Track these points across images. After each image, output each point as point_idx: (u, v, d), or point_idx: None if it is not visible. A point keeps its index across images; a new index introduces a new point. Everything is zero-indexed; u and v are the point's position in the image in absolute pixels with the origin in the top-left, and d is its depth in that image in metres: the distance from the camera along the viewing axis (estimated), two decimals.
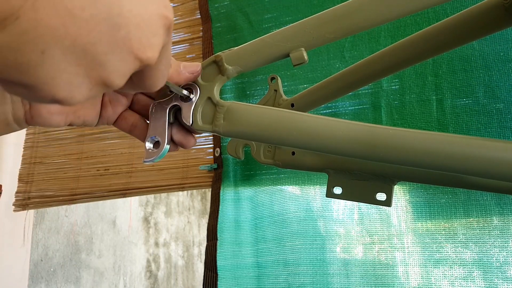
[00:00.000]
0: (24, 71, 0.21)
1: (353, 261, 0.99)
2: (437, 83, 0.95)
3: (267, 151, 0.56)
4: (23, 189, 1.53)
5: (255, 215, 1.11)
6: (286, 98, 0.58)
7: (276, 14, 1.18)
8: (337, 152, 0.36)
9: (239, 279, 1.08)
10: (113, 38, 0.23)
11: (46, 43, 0.21)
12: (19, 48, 0.20)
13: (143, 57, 0.25)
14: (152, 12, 0.25)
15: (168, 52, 0.29)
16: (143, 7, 0.24)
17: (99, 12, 0.22)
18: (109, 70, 0.24)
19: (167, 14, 0.26)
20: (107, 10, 0.22)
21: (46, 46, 0.21)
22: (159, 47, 0.26)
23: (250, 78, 1.17)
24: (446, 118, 0.93)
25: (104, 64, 0.23)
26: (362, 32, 1.04)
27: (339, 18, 0.38)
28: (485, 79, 0.90)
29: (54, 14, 0.20)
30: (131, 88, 0.29)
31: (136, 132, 0.42)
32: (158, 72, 0.29)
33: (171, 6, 0.27)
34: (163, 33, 0.26)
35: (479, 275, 0.86)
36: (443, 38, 0.45)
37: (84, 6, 0.21)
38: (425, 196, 0.95)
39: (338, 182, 0.51)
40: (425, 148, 0.33)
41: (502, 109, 0.88)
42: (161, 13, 0.26)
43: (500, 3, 0.41)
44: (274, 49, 0.40)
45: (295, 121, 0.37)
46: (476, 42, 0.91)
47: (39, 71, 0.21)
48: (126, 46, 0.24)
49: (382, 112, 0.99)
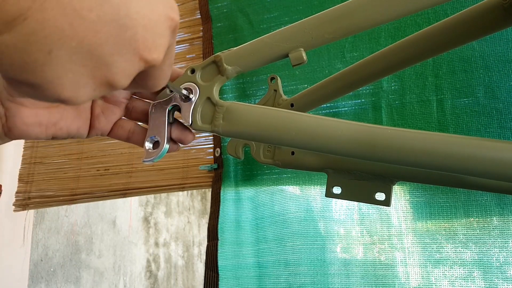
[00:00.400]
0: (31, 70, 0.21)
1: (353, 261, 0.99)
2: (437, 84, 0.95)
3: (267, 151, 0.56)
4: (23, 189, 1.53)
5: (256, 215, 1.11)
6: (285, 98, 0.58)
7: (276, 14, 1.18)
8: (336, 152, 0.36)
9: (240, 279, 1.08)
10: (120, 39, 0.23)
11: (53, 44, 0.21)
12: (26, 48, 0.20)
13: (149, 58, 0.25)
14: (159, 14, 0.25)
15: (172, 53, 0.29)
16: (150, 8, 0.24)
17: (106, 13, 0.22)
18: (114, 71, 0.24)
19: (174, 16, 0.26)
20: (114, 11, 0.22)
21: (53, 46, 0.21)
22: (165, 48, 0.26)
23: (251, 78, 1.17)
24: (446, 119, 0.93)
25: (110, 65, 0.23)
26: (363, 33, 1.04)
27: (338, 18, 0.38)
28: (485, 79, 0.90)
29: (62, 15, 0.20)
30: (133, 87, 0.29)
31: (134, 139, 0.41)
32: (162, 73, 0.29)
33: (177, 7, 0.27)
34: (168, 35, 0.26)
35: (479, 275, 0.86)
36: (443, 38, 0.45)
37: (92, 7, 0.21)
38: (424, 196, 0.95)
39: (337, 182, 0.51)
40: (424, 148, 0.33)
41: (502, 109, 0.88)
42: (167, 15, 0.26)
43: (499, 3, 0.41)
44: (273, 49, 0.40)
45: (294, 121, 0.37)
46: (476, 42, 0.91)
47: (46, 70, 0.21)
48: (133, 47, 0.24)
49: (383, 113, 0.99)
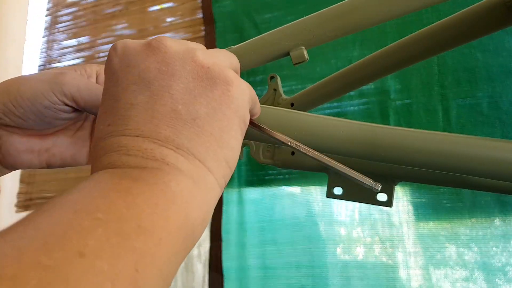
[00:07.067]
0: None
1: (352, 262, 0.99)
2: (443, 94, 0.96)
3: (267, 151, 0.56)
4: (25, 190, 1.53)
5: (261, 217, 1.11)
6: (285, 97, 0.58)
7: (278, 13, 1.18)
8: (337, 152, 0.36)
9: (244, 280, 1.07)
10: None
11: None
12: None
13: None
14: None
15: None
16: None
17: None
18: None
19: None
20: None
21: None
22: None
23: (254, 78, 1.17)
24: (452, 129, 0.95)
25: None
26: (370, 40, 1.04)
27: (340, 16, 0.38)
28: (489, 90, 0.92)
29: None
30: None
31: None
32: None
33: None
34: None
35: (480, 276, 0.86)
36: (445, 37, 0.45)
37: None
38: (426, 197, 0.94)
39: (338, 182, 0.50)
40: (426, 147, 0.33)
41: (505, 120, 0.89)
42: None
43: (502, 1, 0.40)
44: (274, 47, 0.39)
45: (295, 120, 0.36)
46: (479, 53, 0.92)
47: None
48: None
49: (390, 121, 1.00)
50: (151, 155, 0.21)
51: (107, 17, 1.60)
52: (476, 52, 0.92)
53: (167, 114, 0.23)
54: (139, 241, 0.17)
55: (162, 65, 0.24)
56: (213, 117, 0.23)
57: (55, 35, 1.73)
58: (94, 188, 0.19)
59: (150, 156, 0.21)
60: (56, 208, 0.18)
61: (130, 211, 0.18)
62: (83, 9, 1.68)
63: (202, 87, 0.24)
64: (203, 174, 0.22)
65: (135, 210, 0.18)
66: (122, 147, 0.22)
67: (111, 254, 0.16)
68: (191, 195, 0.21)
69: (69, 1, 1.73)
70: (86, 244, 0.16)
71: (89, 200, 0.18)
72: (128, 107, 0.23)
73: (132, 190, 0.19)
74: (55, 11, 1.75)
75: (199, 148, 0.23)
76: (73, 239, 0.16)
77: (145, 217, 0.18)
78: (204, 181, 0.22)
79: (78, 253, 0.15)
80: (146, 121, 0.22)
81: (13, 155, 0.34)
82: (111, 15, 1.59)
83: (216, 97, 0.24)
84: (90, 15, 1.65)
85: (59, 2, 1.75)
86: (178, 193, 0.20)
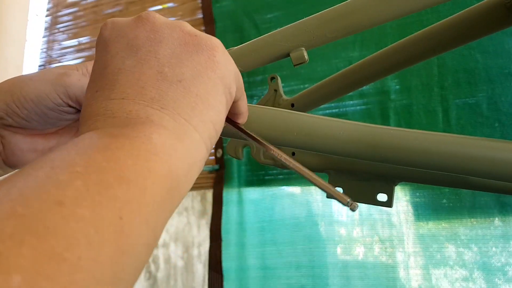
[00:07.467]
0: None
1: (352, 262, 0.99)
2: (443, 95, 0.97)
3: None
4: None
5: (260, 217, 1.11)
6: (286, 98, 0.58)
7: (279, 13, 1.18)
8: (337, 152, 0.36)
9: (244, 280, 1.07)
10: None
11: None
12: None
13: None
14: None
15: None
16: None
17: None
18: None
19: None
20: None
21: None
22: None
23: (254, 78, 1.17)
24: (452, 130, 0.95)
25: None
26: (370, 40, 1.04)
27: (340, 17, 0.38)
28: (488, 92, 0.92)
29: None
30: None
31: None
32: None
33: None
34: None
35: (480, 276, 0.86)
36: (445, 37, 0.45)
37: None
38: (426, 197, 0.94)
39: (338, 182, 0.50)
40: (426, 148, 0.33)
41: (504, 121, 0.90)
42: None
43: (501, 2, 0.40)
44: (274, 48, 0.39)
45: (295, 121, 0.37)
46: (479, 55, 0.93)
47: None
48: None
49: (391, 123, 1.00)
50: (135, 115, 0.21)
51: (107, 17, 1.60)
52: (476, 54, 0.92)
53: (153, 76, 0.23)
54: (121, 189, 0.17)
55: (150, 33, 0.24)
56: (199, 79, 0.24)
57: (56, 35, 1.73)
58: (72, 148, 0.19)
59: (134, 116, 0.21)
60: (33, 166, 0.17)
61: (110, 164, 0.18)
62: (83, 9, 1.68)
63: (188, 52, 0.24)
64: (188, 131, 0.22)
65: (116, 162, 0.18)
66: (107, 111, 0.22)
67: (91, 202, 0.16)
68: (173, 148, 0.21)
69: (69, 1, 1.73)
70: (65, 194, 0.15)
71: (67, 157, 0.18)
72: (115, 72, 0.23)
73: (111, 145, 0.19)
74: (55, 11, 1.75)
75: (185, 108, 0.23)
76: (50, 190, 0.15)
77: (127, 168, 0.18)
78: (190, 138, 0.22)
79: (57, 202, 0.15)
80: (132, 83, 0.22)
81: (17, 155, 0.34)
82: (111, 15, 1.59)
83: (202, 61, 0.25)
84: (90, 15, 1.65)
85: (60, 2, 1.75)
86: (159, 145, 0.20)
